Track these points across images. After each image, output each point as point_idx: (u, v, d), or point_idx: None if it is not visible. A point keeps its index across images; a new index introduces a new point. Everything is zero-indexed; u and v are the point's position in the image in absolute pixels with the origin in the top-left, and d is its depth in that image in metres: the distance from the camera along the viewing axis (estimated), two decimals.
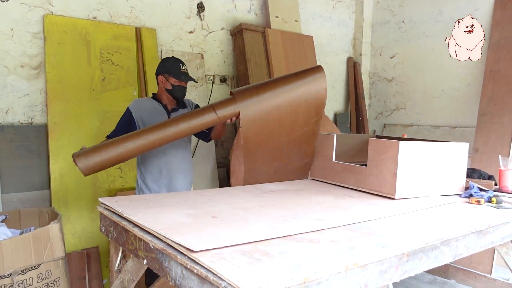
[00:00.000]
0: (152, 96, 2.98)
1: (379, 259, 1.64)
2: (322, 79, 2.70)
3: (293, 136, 2.81)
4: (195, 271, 1.42)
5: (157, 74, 2.90)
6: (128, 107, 2.90)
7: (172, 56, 2.95)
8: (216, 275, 1.34)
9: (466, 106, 4.63)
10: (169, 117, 2.85)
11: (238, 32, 4.36)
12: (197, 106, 3.07)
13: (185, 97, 3.02)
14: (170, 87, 2.85)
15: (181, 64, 2.85)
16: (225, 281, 1.30)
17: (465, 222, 2.15)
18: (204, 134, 3.07)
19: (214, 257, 1.47)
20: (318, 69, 2.72)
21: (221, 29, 4.38)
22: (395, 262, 1.72)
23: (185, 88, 2.91)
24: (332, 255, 1.56)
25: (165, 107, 2.91)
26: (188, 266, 1.46)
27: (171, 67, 2.83)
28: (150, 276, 2.80)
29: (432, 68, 4.96)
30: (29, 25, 3.26)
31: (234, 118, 2.61)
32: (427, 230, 1.97)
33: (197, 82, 3.30)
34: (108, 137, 2.85)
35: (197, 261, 1.44)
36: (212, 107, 2.51)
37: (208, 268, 1.39)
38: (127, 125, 2.86)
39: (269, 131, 2.67)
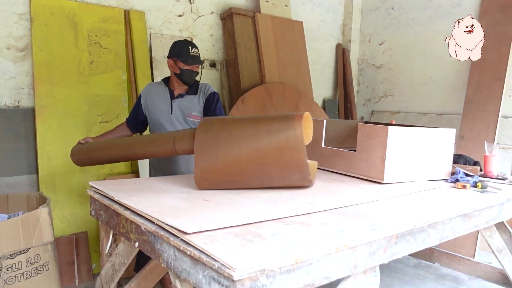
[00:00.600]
0: (164, 78, 2.93)
1: (368, 241, 1.67)
2: (297, 129, 2.05)
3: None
4: (188, 253, 1.43)
5: (168, 57, 2.82)
6: (141, 92, 2.91)
7: (184, 39, 2.84)
8: (209, 256, 1.35)
9: (453, 94, 4.68)
10: (171, 104, 2.79)
11: (228, 17, 4.33)
12: (213, 95, 2.84)
13: (203, 82, 2.91)
14: (178, 71, 2.75)
15: (190, 47, 2.73)
16: (218, 261, 1.31)
17: (451, 206, 2.19)
18: None
19: (207, 238, 1.48)
20: (294, 119, 2.06)
21: (211, 13, 4.34)
22: (384, 244, 1.76)
23: (195, 72, 2.78)
24: (323, 237, 1.59)
25: (171, 92, 2.82)
26: (181, 248, 1.47)
27: (180, 50, 2.73)
28: (138, 264, 2.79)
29: (420, 55, 4.99)
30: (15, 6, 3.19)
31: None
32: (415, 214, 2.01)
33: (202, 63, 3.12)
34: (127, 120, 2.93)
35: (190, 242, 1.45)
36: (173, 140, 2.24)
37: (201, 249, 1.40)
38: (135, 110, 2.87)
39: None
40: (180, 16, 4.10)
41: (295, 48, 4.74)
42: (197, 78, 2.84)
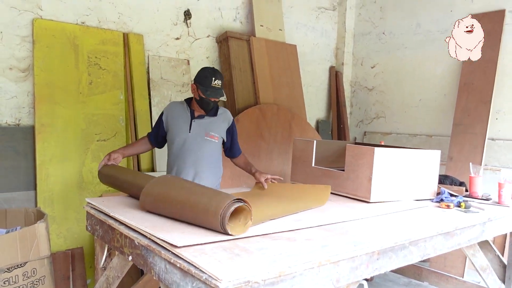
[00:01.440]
0: (186, 98, 3.00)
1: (350, 256, 1.76)
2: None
3: None
4: (178, 265, 1.52)
5: (192, 81, 2.90)
6: (164, 109, 3.00)
7: (212, 67, 2.87)
8: (198, 268, 1.44)
9: (442, 116, 4.81)
10: (191, 123, 2.85)
11: (223, 40, 4.48)
12: (234, 123, 3.03)
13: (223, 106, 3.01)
14: (198, 98, 2.81)
15: (213, 78, 2.74)
16: (206, 273, 1.40)
17: (434, 224, 2.29)
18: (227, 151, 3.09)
19: (196, 252, 1.57)
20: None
21: (207, 36, 4.48)
22: (366, 259, 1.85)
23: (213, 102, 2.81)
24: (307, 252, 1.68)
25: (192, 112, 2.88)
26: (172, 261, 1.56)
27: (203, 79, 2.76)
28: None
29: (410, 78, 5.13)
30: (18, 29, 3.32)
31: None
32: (397, 231, 2.10)
33: (225, 100, 3.03)
34: (149, 134, 3.01)
35: (180, 255, 1.54)
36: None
37: (190, 262, 1.49)
38: (157, 126, 2.96)
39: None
40: (177, 39, 4.24)
41: (289, 70, 4.88)
42: (221, 98, 2.83)
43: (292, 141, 3.53)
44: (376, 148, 2.64)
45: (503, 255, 3.58)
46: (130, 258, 1.90)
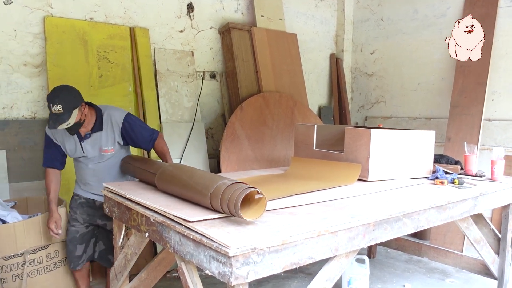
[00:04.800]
0: None
1: (347, 227, 1.93)
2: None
3: None
4: (191, 237, 1.69)
5: None
6: (46, 132, 2.77)
7: (54, 89, 2.53)
8: (209, 238, 1.61)
9: (440, 99, 4.95)
10: (81, 145, 2.72)
11: (226, 31, 4.62)
12: (126, 121, 2.75)
13: (118, 112, 2.77)
14: None
15: (51, 105, 2.44)
16: (216, 242, 1.57)
17: (427, 199, 2.45)
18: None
19: (207, 225, 1.74)
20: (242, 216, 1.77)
21: (210, 28, 4.63)
22: (362, 230, 2.02)
23: (70, 128, 2.53)
24: (307, 223, 1.85)
25: (77, 134, 2.70)
26: (185, 234, 1.73)
27: (48, 106, 2.48)
28: None
29: (408, 63, 5.26)
30: (31, 26, 3.49)
31: None
32: (392, 205, 2.26)
33: (69, 126, 2.51)
34: (51, 165, 2.80)
35: (192, 228, 1.71)
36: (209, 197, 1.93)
37: (202, 233, 1.66)
38: (51, 150, 2.78)
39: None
40: (181, 31, 4.39)
41: (290, 58, 5.03)
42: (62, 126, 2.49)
43: (294, 127, 3.69)
44: (372, 130, 2.80)
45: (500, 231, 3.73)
46: (147, 234, 2.08)
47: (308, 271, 3.67)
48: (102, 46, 3.80)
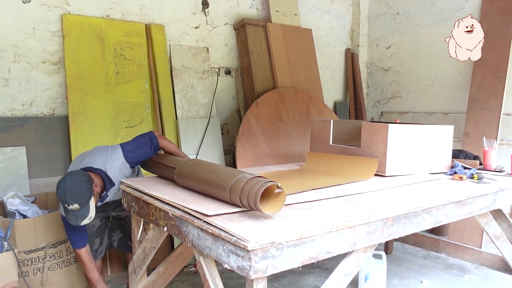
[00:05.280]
0: None
1: (366, 222, 1.92)
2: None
3: None
4: (210, 231, 1.70)
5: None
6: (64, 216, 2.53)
7: (63, 187, 2.36)
8: (228, 232, 1.61)
9: (458, 93, 4.88)
10: (101, 207, 2.74)
11: (241, 27, 4.63)
12: (127, 159, 2.66)
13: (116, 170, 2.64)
14: None
15: (66, 205, 2.35)
16: (235, 236, 1.57)
17: (446, 194, 2.42)
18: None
19: (225, 219, 1.75)
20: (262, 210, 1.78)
21: (225, 24, 4.64)
22: (381, 225, 2.01)
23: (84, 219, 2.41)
24: (325, 218, 1.84)
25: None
26: (204, 228, 1.74)
27: (62, 202, 2.39)
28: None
29: (425, 57, 5.20)
30: (49, 24, 3.54)
31: None
32: (411, 200, 2.24)
33: (90, 220, 2.44)
34: (81, 245, 2.68)
35: (211, 223, 1.72)
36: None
37: (220, 227, 1.66)
38: (76, 229, 2.63)
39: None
40: (196, 28, 4.41)
41: (305, 54, 5.01)
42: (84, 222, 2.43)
43: (310, 123, 3.68)
44: (390, 125, 2.78)
45: None
46: (165, 229, 2.10)
47: (325, 266, 3.66)
48: (118, 43, 3.83)
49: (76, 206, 2.32)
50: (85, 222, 2.39)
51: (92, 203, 2.41)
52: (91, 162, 2.60)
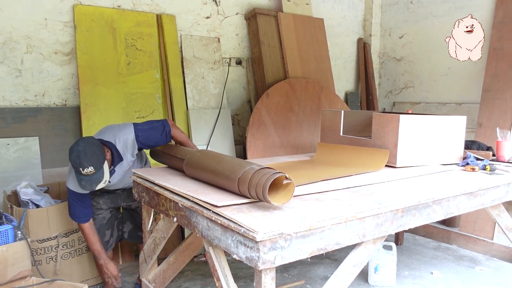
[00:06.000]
0: None
1: (375, 213, 1.91)
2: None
3: None
4: (219, 222, 1.71)
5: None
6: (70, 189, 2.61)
7: (76, 152, 2.35)
8: (237, 223, 1.62)
9: (471, 83, 4.81)
10: (109, 182, 2.66)
11: (252, 17, 4.60)
12: (137, 138, 2.64)
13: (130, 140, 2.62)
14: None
15: (81, 169, 2.33)
16: (244, 227, 1.58)
17: (458, 185, 2.40)
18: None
19: (234, 210, 1.76)
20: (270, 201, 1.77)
21: (236, 14, 4.62)
22: (390, 216, 2.00)
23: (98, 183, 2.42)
24: (334, 209, 1.84)
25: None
26: (213, 218, 1.75)
27: (74, 167, 2.37)
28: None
29: (439, 47, 5.11)
30: (61, 15, 3.55)
31: None
32: (421, 191, 2.23)
33: (106, 183, 2.46)
34: (85, 219, 2.71)
35: (220, 213, 1.73)
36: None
37: (229, 218, 1.67)
38: (83, 203, 2.66)
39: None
40: (207, 18, 4.40)
41: (316, 44, 4.97)
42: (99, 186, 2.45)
43: (321, 114, 3.66)
44: (401, 115, 2.75)
45: None
46: (175, 219, 2.11)
47: (334, 257, 3.67)
48: (129, 34, 3.84)
49: (91, 169, 2.33)
50: (101, 186, 2.40)
51: (106, 167, 2.42)
52: (101, 135, 2.64)
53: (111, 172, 2.62)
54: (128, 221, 3.09)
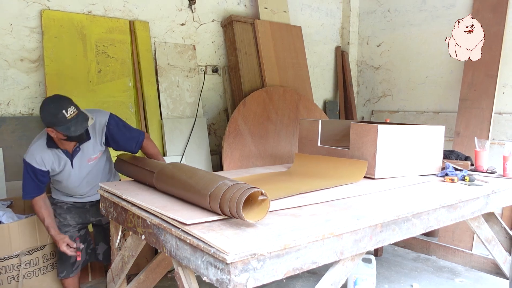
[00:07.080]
0: (47, 142, 2.49)
1: (353, 229, 1.83)
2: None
3: None
4: (188, 241, 1.60)
5: (45, 126, 2.39)
6: (27, 160, 2.50)
7: (52, 98, 2.35)
8: (206, 243, 1.52)
9: (448, 92, 4.81)
10: (72, 164, 2.54)
11: (228, 24, 4.51)
12: (109, 124, 2.56)
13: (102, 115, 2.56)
14: (64, 137, 2.36)
15: (63, 111, 2.25)
16: (214, 247, 1.48)
17: (437, 198, 2.34)
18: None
19: (204, 228, 1.65)
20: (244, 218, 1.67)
21: (212, 21, 4.52)
22: (369, 232, 1.92)
23: (83, 133, 2.38)
24: (311, 226, 1.75)
25: (66, 153, 2.51)
26: (182, 237, 1.64)
27: (54, 119, 2.26)
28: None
29: (416, 55, 5.12)
30: (27, 20, 3.40)
31: None
32: (400, 205, 2.16)
33: (93, 120, 2.41)
34: (38, 192, 2.55)
35: (189, 232, 1.62)
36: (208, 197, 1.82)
37: (199, 238, 1.57)
38: (35, 177, 2.49)
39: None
40: (182, 24, 4.29)
41: (294, 52, 4.91)
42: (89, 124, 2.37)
43: (298, 123, 3.58)
44: (379, 125, 2.69)
45: (511, 229, 3.62)
46: (143, 237, 1.99)
47: (313, 270, 3.58)
48: (101, 40, 3.70)
49: (73, 109, 2.29)
50: (90, 122, 2.33)
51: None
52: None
53: (75, 151, 2.51)
54: (102, 241, 2.88)
